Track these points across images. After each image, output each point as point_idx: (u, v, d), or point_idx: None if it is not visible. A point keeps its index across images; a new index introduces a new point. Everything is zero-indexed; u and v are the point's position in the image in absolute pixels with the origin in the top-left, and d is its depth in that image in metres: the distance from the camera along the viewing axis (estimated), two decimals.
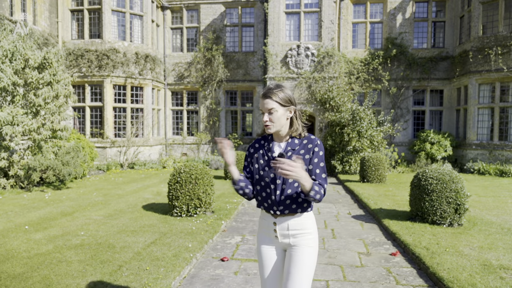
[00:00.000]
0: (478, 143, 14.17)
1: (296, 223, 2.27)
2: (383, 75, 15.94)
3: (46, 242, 5.16)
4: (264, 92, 2.26)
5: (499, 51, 13.49)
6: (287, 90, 2.28)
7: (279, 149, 2.31)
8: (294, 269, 2.22)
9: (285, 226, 2.28)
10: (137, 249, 4.91)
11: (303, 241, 2.27)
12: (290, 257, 2.27)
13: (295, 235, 2.27)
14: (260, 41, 16.81)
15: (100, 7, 14.77)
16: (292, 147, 2.28)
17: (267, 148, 2.34)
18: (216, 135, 17.39)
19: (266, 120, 2.24)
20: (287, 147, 2.29)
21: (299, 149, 2.27)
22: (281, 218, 2.28)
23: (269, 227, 2.33)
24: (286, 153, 2.26)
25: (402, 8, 16.07)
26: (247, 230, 6.40)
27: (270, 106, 2.22)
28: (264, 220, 2.36)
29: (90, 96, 15.09)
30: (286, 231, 2.28)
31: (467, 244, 5.22)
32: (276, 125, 2.25)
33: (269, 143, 2.35)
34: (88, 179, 11.65)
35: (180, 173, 6.82)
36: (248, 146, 2.46)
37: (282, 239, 2.30)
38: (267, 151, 2.33)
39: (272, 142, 2.35)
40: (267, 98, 2.23)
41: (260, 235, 2.41)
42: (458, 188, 6.19)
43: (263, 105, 2.24)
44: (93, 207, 7.53)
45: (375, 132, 13.57)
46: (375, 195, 9.21)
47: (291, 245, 2.28)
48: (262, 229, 2.39)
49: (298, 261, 2.23)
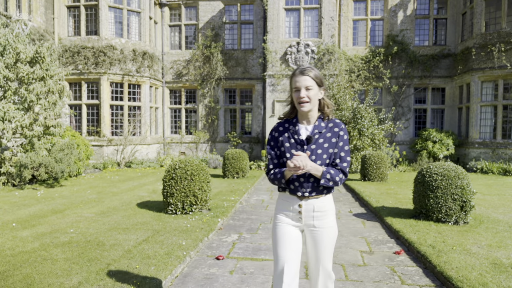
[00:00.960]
0: (481, 141, 13.93)
1: (321, 204, 2.36)
2: (384, 73, 15.71)
3: (32, 239, 4.92)
4: (300, 69, 2.27)
5: (502, 48, 13.25)
6: (319, 72, 2.31)
7: (306, 132, 2.33)
8: (321, 250, 2.37)
9: (311, 208, 2.35)
10: (128, 247, 4.67)
11: (326, 223, 2.37)
12: (316, 240, 2.38)
13: (319, 217, 2.36)
14: (259, 39, 16.58)
15: (97, 3, 14.54)
16: (319, 130, 2.32)
17: (292, 131, 2.35)
18: (215, 133, 17.15)
19: (304, 96, 2.24)
20: (314, 130, 2.32)
21: (326, 132, 2.33)
22: (307, 200, 2.35)
23: (293, 208, 2.37)
24: (313, 136, 2.31)
25: (403, 5, 15.84)
26: (245, 228, 6.15)
27: (308, 83, 2.24)
28: (287, 202, 2.39)
29: (86, 93, 14.85)
30: (312, 213, 2.35)
31: (475, 242, 4.97)
32: (312, 103, 2.27)
33: (295, 126, 2.35)
34: (83, 177, 11.41)
35: (175, 169, 6.57)
36: (271, 130, 2.46)
37: (306, 220, 2.37)
38: (293, 134, 2.34)
39: (298, 125, 2.35)
40: (305, 75, 2.25)
41: (280, 215, 2.42)
42: (464, 184, 5.94)
43: (300, 81, 2.25)
44: (86, 205, 7.29)
45: (376, 130, 13.34)
46: (377, 193, 8.96)
47: (315, 226, 2.37)
48: (283, 210, 2.41)
49: (324, 242, 2.36)
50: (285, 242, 2.34)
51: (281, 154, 2.37)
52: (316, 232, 2.36)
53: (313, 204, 2.34)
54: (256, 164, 14.81)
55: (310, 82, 2.25)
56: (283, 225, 2.38)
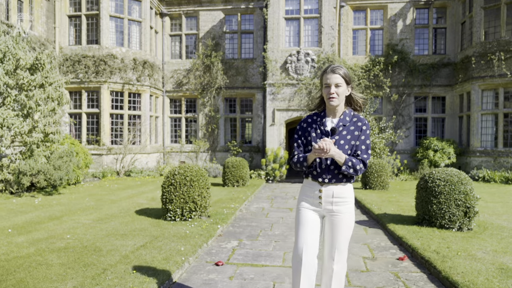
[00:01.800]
0: (482, 150, 13.85)
1: (340, 191, 2.53)
2: (384, 82, 15.72)
3: (28, 245, 4.81)
4: (331, 68, 2.51)
5: (502, 56, 13.27)
6: (347, 71, 2.54)
7: (331, 124, 2.57)
8: (338, 235, 2.52)
9: (330, 194, 2.54)
10: (125, 252, 4.56)
11: (344, 209, 2.53)
12: (333, 224, 2.54)
13: (338, 203, 2.53)
14: (259, 48, 16.64)
15: (98, 12, 14.62)
16: (343, 123, 2.54)
17: (319, 122, 2.60)
18: (215, 143, 17.09)
19: (333, 92, 2.47)
20: (339, 123, 2.55)
21: (350, 125, 2.55)
22: (328, 186, 2.54)
23: (314, 194, 2.58)
24: (338, 128, 2.54)
25: (402, 15, 15.93)
26: (245, 235, 6.05)
27: (338, 80, 2.48)
28: (309, 188, 2.61)
29: (86, 102, 14.83)
30: (331, 198, 2.54)
31: (480, 248, 4.87)
32: (340, 98, 2.51)
33: (322, 118, 2.61)
34: (82, 186, 11.31)
35: (174, 175, 6.49)
36: (300, 121, 2.69)
37: (326, 205, 2.55)
38: (320, 125, 2.59)
39: (325, 118, 2.60)
40: (335, 73, 2.48)
41: (303, 201, 2.65)
42: (467, 190, 5.86)
43: (331, 79, 2.48)
44: (84, 212, 7.18)
45: (377, 139, 13.28)
46: (378, 201, 8.86)
47: (334, 211, 2.54)
48: (305, 195, 2.63)
49: (341, 227, 2.52)
50: (305, 225, 2.57)
51: (307, 143, 2.62)
52: (335, 216, 2.54)
53: (332, 190, 2.53)
54: (257, 173, 14.71)
55: (340, 80, 2.48)
56: (304, 209, 2.61)
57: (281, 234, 6.11)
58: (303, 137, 2.64)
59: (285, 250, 5.18)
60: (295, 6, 15.15)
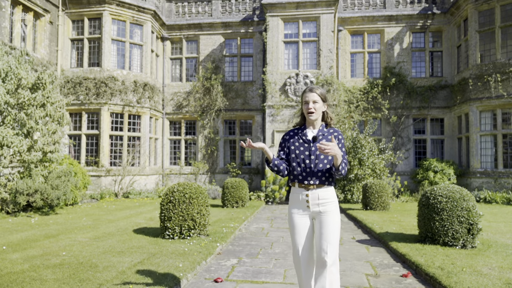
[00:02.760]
0: (483, 171, 13.81)
1: (324, 194, 2.88)
2: (383, 104, 15.84)
3: (22, 261, 4.70)
4: (309, 88, 2.96)
5: (498, 78, 13.44)
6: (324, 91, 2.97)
7: (312, 134, 2.96)
8: (326, 230, 2.83)
9: (315, 197, 2.88)
10: (122, 268, 4.45)
11: (329, 208, 2.87)
12: (321, 222, 2.87)
13: (324, 204, 2.87)
14: (259, 71, 16.85)
15: (100, 36, 14.88)
16: (322, 133, 2.95)
17: (301, 133, 2.98)
18: (214, 164, 17.04)
19: (311, 107, 2.90)
20: (319, 132, 2.95)
21: (327, 135, 2.95)
22: (313, 190, 2.88)
23: (301, 199, 2.90)
24: (318, 137, 2.92)
25: (399, 39, 16.24)
26: (244, 253, 5.92)
27: (315, 98, 2.91)
28: (297, 194, 2.93)
29: (86, 124, 14.87)
30: (317, 201, 2.87)
31: (485, 264, 4.76)
32: (317, 113, 2.93)
33: (303, 130, 3.00)
34: (79, 206, 11.17)
35: (173, 192, 6.42)
36: (283, 134, 3.11)
37: (313, 208, 2.88)
38: (302, 136, 2.97)
39: (306, 129, 2.99)
40: (313, 92, 2.92)
41: (293, 207, 2.96)
42: (470, 206, 5.79)
43: (309, 97, 2.91)
44: (80, 230, 7.06)
45: (377, 159, 13.24)
46: (380, 220, 8.74)
47: (321, 212, 2.87)
48: (294, 202, 2.95)
49: (329, 224, 2.84)
50: (298, 229, 2.91)
51: (289, 152, 2.98)
52: (322, 215, 2.87)
53: (317, 193, 2.87)
54: (256, 195, 14.59)
55: (317, 97, 2.92)
56: (295, 215, 2.94)
57: (282, 252, 5.98)
58: (285, 147, 3.02)
59: (286, 267, 5.05)
60: (293, 30, 15.46)
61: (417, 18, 16.08)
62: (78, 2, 14.89)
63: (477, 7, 14.12)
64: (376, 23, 16.32)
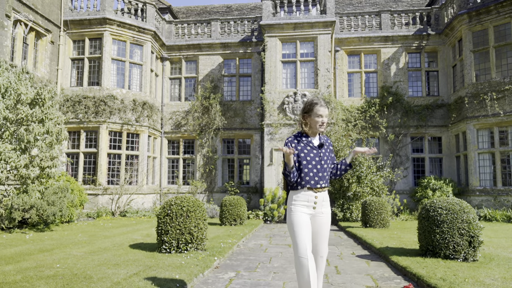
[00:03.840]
0: (482, 189, 13.75)
1: (326, 195, 3.27)
2: (380, 122, 15.92)
3: (15, 273, 4.59)
4: (321, 103, 3.19)
5: (494, 96, 13.58)
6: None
7: (317, 141, 3.28)
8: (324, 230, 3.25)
9: (321, 198, 3.22)
10: (117, 279, 4.35)
11: (328, 210, 3.27)
12: (321, 222, 3.23)
13: (325, 205, 3.25)
14: (257, 90, 17.00)
15: (100, 55, 15.07)
16: (321, 141, 3.30)
17: (306, 141, 3.25)
18: (213, 183, 16.94)
19: (325, 121, 3.21)
20: (321, 141, 3.29)
21: (325, 142, 3.32)
22: (320, 192, 3.21)
23: (309, 200, 3.17)
24: (323, 144, 3.27)
25: (395, 59, 16.49)
26: (243, 267, 5.81)
27: (326, 112, 3.23)
28: (305, 196, 3.18)
29: (85, 142, 14.86)
30: (322, 202, 3.23)
31: (488, 275, 4.67)
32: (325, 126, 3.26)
33: (307, 138, 3.27)
34: (75, 224, 11.01)
35: (171, 205, 6.36)
36: (287, 141, 3.30)
37: (318, 208, 3.21)
38: (309, 143, 3.24)
39: (308, 137, 3.27)
40: (325, 108, 3.21)
41: (297, 208, 3.17)
42: (470, 218, 5.75)
43: (323, 111, 3.19)
44: (76, 245, 6.94)
45: (375, 177, 13.21)
46: (380, 237, 8.62)
47: (323, 212, 3.23)
48: (300, 203, 3.18)
49: (327, 224, 3.26)
50: (304, 226, 3.12)
51: (299, 158, 3.19)
52: (323, 216, 3.23)
53: (323, 195, 3.23)
54: (255, 214, 14.44)
55: (328, 112, 3.25)
56: (300, 213, 3.16)
57: (280, 266, 5.87)
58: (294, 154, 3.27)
59: (285, 280, 4.95)
60: (291, 50, 15.70)
61: (412, 39, 16.38)
62: (80, 22, 15.16)
63: (470, 27, 14.42)
64: (372, 44, 16.60)
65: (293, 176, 3.14)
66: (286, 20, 15.42)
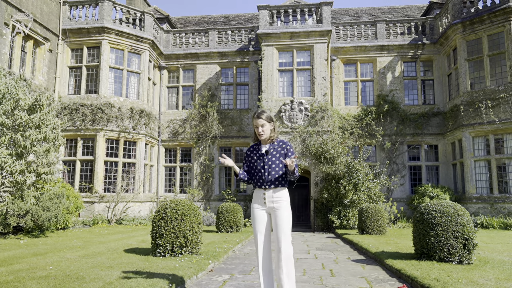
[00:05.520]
0: (478, 196, 13.76)
1: (277, 194, 3.58)
2: (377, 130, 15.98)
3: (7, 274, 4.56)
4: (256, 114, 3.60)
5: (489, 104, 13.68)
6: (268, 113, 3.64)
7: (265, 148, 3.65)
8: (280, 222, 3.51)
9: (270, 195, 3.58)
10: (110, 280, 4.32)
11: (281, 205, 3.55)
12: (276, 216, 3.55)
13: (277, 201, 3.56)
14: (254, 99, 17.09)
15: (98, 64, 15.16)
16: (272, 147, 3.64)
17: (257, 149, 3.70)
18: (209, 192, 16.90)
19: (261, 131, 3.59)
20: (270, 147, 3.64)
21: (277, 147, 3.63)
22: (268, 191, 3.59)
23: (260, 197, 3.62)
24: (269, 150, 3.61)
25: (391, 68, 16.63)
26: (237, 270, 5.79)
27: (261, 122, 3.58)
28: (258, 193, 3.66)
29: (81, 149, 14.85)
30: (272, 198, 3.58)
31: (482, 276, 4.67)
32: (265, 133, 3.61)
33: (258, 146, 3.70)
34: (71, 231, 10.95)
35: (165, 209, 6.35)
36: (246, 150, 3.86)
37: (268, 204, 3.58)
38: (258, 150, 3.68)
39: (260, 145, 3.70)
40: (259, 118, 3.58)
41: (254, 203, 3.68)
42: (464, 221, 5.76)
43: (257, 122, 3.59)
44: (70, 250, 6.90)
45: (372, 184, 13.22)
46: (376, 242, 8.60)
47: (275, 208, 3.56)
48: (256, 199, 3.67)
49: (282, 217, 3.52)
50: (257, 219, 3.61)
51: (251, 164, 3.70)
52: (276, 210, 3.54)
53: (272, 193, 3.57)
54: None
55: (263, 121, 3.58)
56: (255, 209, 3.63)
57: None
58: (248, 161, 3.74)
59: None
60: (288, 59, 15.84)
61: (407, 48, 16.56)
62: (78, 31, 15.28)
63: (465, 37, 14.60)
64: (368, 53, 16.77)
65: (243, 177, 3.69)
66: (283, 29, 15.59)
